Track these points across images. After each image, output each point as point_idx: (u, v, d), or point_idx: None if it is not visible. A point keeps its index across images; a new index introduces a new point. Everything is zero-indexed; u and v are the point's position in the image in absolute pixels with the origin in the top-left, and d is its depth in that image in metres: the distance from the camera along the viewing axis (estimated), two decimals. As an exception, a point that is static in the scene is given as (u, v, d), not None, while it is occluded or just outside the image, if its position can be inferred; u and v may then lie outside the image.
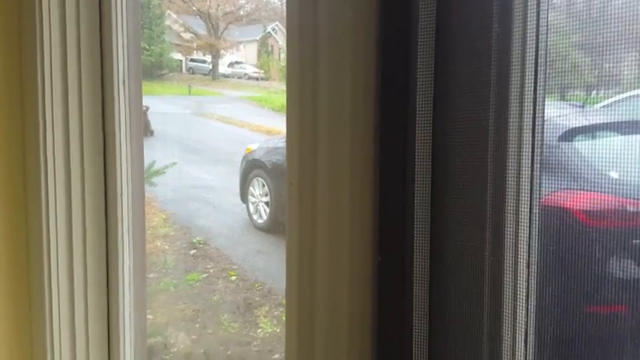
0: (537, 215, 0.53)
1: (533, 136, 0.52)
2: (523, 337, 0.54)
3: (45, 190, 1.33)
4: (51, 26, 1.29)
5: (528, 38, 0.53)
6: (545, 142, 0.75)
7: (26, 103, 1.35)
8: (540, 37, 0.53)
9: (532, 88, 0.52)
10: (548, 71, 0.53)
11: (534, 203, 0.52)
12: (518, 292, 0.53)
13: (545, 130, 0.69)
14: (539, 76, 0.53)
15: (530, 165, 0.53)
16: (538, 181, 0.52)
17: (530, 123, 0.52)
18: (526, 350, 0.54)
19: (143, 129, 1.42)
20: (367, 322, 0.60)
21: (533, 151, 0.52)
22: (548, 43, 0.56)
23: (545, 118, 0.81)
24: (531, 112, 0.52)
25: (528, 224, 0.53)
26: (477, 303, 0.53)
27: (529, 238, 0.53)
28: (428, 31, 0.57)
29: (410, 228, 0.56)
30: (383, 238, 0.59)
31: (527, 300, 0.54)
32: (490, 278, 0.53)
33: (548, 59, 0.53)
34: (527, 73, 0.53)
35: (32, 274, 1.39)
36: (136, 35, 1.35)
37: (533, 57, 0.52)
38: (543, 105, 0.53)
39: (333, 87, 0.63)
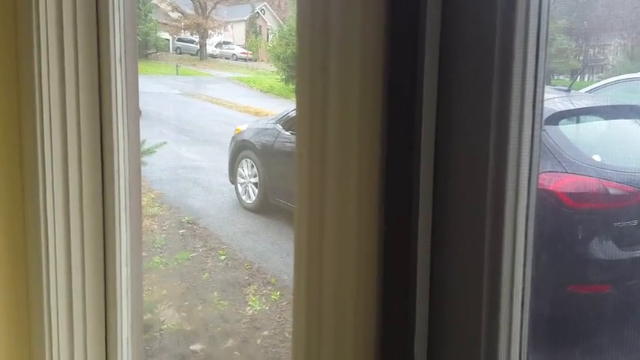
0: (535, 192, 0.56)
1: (534, 118, 0.56)
2: (519, 308, 0.58)
3: (42, 169, 1.34)
4: (47, 3, 1.29)
5: (531, 17, 0.55)
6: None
7: (22, 81, 1.36)
8: (542, 16, 0.56)
9: (533, 73, 0.55)
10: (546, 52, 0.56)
11: (532, 181, 0.56)
12: (516, 263, 0.57)
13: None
14: (540, 57, 0.56)
15: (530, 146, 0.56)
16: (537, 161, 0.56)
17: (531, 107, 0.56)
18: (522, 321, 0.58)
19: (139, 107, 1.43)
20: (372, 288, 0.65)
21: (533, 132, 0.56)
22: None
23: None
24: (532, 99, 0.55)
25: (527, 199, 0.57)
26: (477, 273, 0.57)
27: (527, 209, 0.57)
28: (435, 18, 0.61)
29: (415, 200, 0.61)
30: (388, 208, 0.63)
31: (523, 274, 0.58)
32: (489, 249, 0.57)
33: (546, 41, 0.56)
34: (528, 58, 0.56)
35: (29, 248, 1.41)
36: (132, 13, 1.36)
37: (535, 40, 0.55)
38: (543, 90, 0.57)
39: (343, 55, 0.66)
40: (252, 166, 4.81)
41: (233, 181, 4.98)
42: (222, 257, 4.06)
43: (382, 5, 0.64)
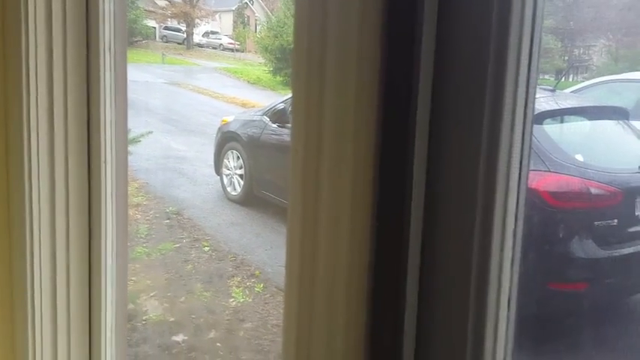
0: (525, 191, 0.58)
1: (525, 117, 0.57)
2: (506, 306, 0.60)
3: (28, 158, 1.32)
4: (35, -11, 1.28)
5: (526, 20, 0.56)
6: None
7: (9, 67, 1.34)
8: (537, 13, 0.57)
9: (526, 73, 0.56)
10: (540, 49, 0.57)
11: (522, 181, 0.57)
12: (504, 262, 0.58)
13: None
14: (533, 57, 0.57)
15: (521, 145, 0.57)
16: (527, 160, 0.57)
17: (523, 106, 0.57)
18: (508, 318, 0.60)
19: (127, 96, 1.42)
20: (362, 284, 0.67)
21: (524, 131, 0.57)
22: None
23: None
24: (524, 98, 0.56)
25: (516, 198, 0.58)
26: (465, 272, 0.59)
27: (517, 208, 0.58)
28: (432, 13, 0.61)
29: (407, 197, 0.62)
30: (380, 206, 0.65)
31: (511, 272, 0.59)
32: (478, 248, 0.58)
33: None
34: (522, 56, 0.57)
35: (14, 236, 1.40)
36: (122, 1, 1.35)
37: (529, 40, 0.56)
38: (535, 89, 0.58)
39: (340, 52, 0.66)
40: (238, 157, 4.79)
41: (218, 172, 4.96)
42: (207, 248, 4.06)
43: (379, 3, 0.64)
